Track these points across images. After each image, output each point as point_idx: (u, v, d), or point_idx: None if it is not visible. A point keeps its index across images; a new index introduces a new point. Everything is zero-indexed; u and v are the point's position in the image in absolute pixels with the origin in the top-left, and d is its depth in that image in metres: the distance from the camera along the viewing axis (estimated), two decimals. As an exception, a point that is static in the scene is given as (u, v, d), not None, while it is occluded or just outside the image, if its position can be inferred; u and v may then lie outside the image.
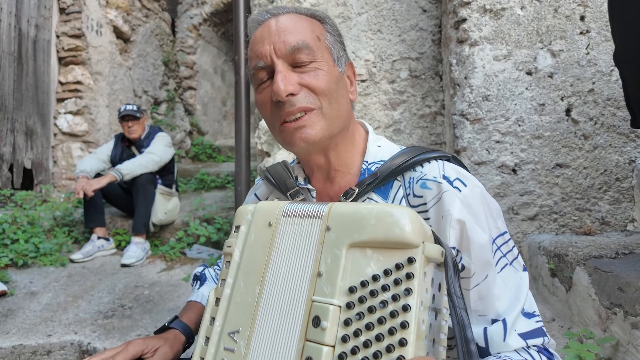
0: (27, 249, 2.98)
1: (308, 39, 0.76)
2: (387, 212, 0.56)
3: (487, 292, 0.71)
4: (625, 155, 1.93)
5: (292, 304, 0.59)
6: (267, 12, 0.81)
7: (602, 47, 1.93)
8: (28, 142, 3.99)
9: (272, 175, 0.91)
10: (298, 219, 0.65)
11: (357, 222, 0.58)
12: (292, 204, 0.68)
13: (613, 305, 1.19)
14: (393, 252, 0.55)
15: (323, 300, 0.56)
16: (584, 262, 1.42)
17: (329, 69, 0.78)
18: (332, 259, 0.58)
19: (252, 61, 0.80)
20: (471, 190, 0.74)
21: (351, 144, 0.84)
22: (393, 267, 0.54)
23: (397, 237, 0.55)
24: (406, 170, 0.78)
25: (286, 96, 0.73)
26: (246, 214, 0.72)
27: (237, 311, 0.63)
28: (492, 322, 0.70)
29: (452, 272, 0.59)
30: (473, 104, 1.98)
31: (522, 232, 1.95)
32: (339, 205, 0.63)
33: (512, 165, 1.96)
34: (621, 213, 1.92)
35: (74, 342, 2.08)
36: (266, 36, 0.77)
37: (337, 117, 0.78)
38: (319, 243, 0.61)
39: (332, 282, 0.56)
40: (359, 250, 0.57)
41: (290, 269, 0.62)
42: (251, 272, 0.65)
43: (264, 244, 0.66)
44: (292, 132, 0.75)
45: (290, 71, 0.75)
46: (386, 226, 0.56)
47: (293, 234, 0.64)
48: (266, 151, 2.57)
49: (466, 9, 2.01)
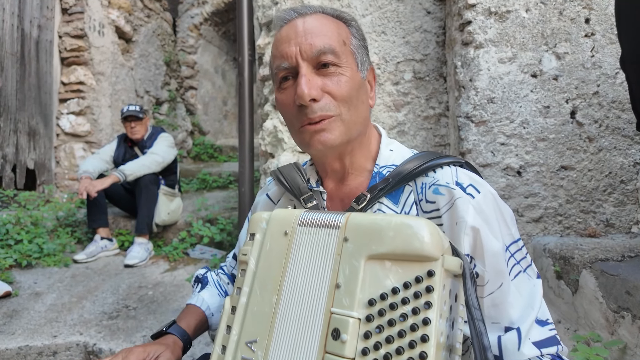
0: (30, 250, 2.99)
1: (334, 43, 0.76)
2: (405, 224, 0.57)
3: (501, 300, 0.71)
4: (630, 158, 1.93)
5: (311, 315, 0.59)
6: (294, 11, 0.80)
7: (607, 50, 1.93)
8: (31, 142, 3.99)
9: (284, 178, 0.91)
10: (314, 228, 0.65)
11: (375, 233, 0.58)
12: (308, 213, 0.68)
13: (621, 308, 1.20)
14: (412, 265, 0.55)
15: (342, 313, 0.56)
16: (590, 265, 1.42)
17: (352, 75, 0.77)
18: (350, 270, 0.58)
19: (276, 60, 0.79)
20: (484, 196, 0.74)
21: (366, 147, 0.84)
22: (413, 280, 0.54)
23: (417, 249, 0.55)
24: (418, 176, 0.78)
25: (309, 100, 0.73)
26: (261, 221, 0.72)
27: (254, 320, 0.64)
28: (505, 330, 0.70)
29: (470, 283, 0.59)
30: (478, 106, 1.98)
31: (527, 234, 1.96)
32: (355, 215, 0.63)
33: (517, 168, 1.96)
34: (626, 215, 1.93)
35: (80, 343, 2.09)
36: (292, 37, 0.76)
37: (356, 123, 0.78)
38: (336, 254, 0.61)
39: (351, 294, 0.57)
40: (377, 262, 0.57)
41: (307, 279, 0.62)
42: (267, 281, 0.65)
43: (280, 253, 0.66)
44: (312, 135, 0.75)
45: (314, 74, 0.75)
46: (405, 238, 0.56)
47: (310, 244, 0.64)
48: (270, 152, 2.57)
49: (471, 12, 2.01)
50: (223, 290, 1.03)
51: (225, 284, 1.05)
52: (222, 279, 1.06)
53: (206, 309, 0.96)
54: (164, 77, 5.84)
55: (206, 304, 0.97)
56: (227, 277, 1.06)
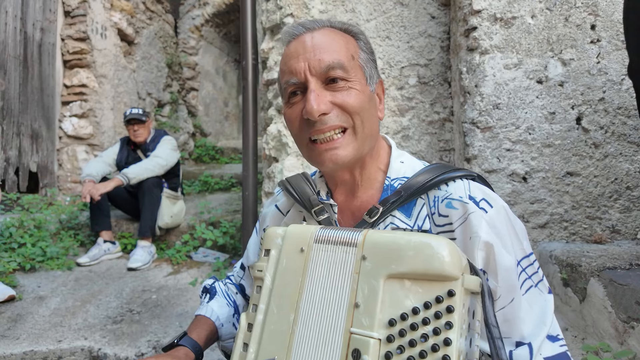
0: (34, 253, 2.99)
1: (343, 58, 0.76)
2: (425, 244, 0.57)
3: (513, 315, 0.71)
4: (635, 164, 1.93)
5: (329, 334, 0.59)
6: (302, 26, 0.80)
7: (612, 56, 1.93)
8: (33, 145, 3.98)
9: (293, 189, 0.91)
10: (331, 245, 0.65)
11: (394, 252, 0.58)
12: (324, 230, 0.68)
13: (630, 319, 1.20)
14: (432, 285, 0.55)
15: (362, 333, 0.56)
16: (598, 273, 1.42)
17: (362, 88, 0.77)
18: (369, 289, 0.58)
19: (284, 75, 0.79)
20: (497, 211, 0.74)
21: (377, 160, 0.84)
22: (433, 300, 0.54)
23: (437, 269, 0.55)
24: (431, 189, 0.78)
25: (318, 116, 0.73)
26: (276, 237, 0.72)
27: (271, 339, 0.64)
28: (516, 345, 0.70)
29: (489, 301, 0.59)
30: (484, 112, 1.98)
31: (532, 240, 1.96)
32: (373, 232, 0.63)
33: (523, 174, 1.96)
34: (632, 221, 1.93)
35: (85, 348, 2.08)
36: (301, 52, 0.77)
37: (368, 137, 0.78)
38: (354, 272, 0.61)
39: (371, 314, 0.56)
40: (397, 281, 0.57)
41: (325, 298, 0.62)
42: (284, 299, 0.65)
43: (297, 271, 0.66)
44: (323, 153, 0.76)
45: (323, 89, 0.75)
46: (425, 258, 0.56)
47: (327, 262, 0.64)
48: (274, 156, 2.57)
49: (476, 17, 2.01)
50: (232, 300, 1.03)
51: (234, 293, 1.05)
52: (230, 289, 1.06)
53: (216, 320, 0.96)
54: (166, 79, 5.84)
55: (216, 314, 0.96)
56: (235, 287, 1.06)
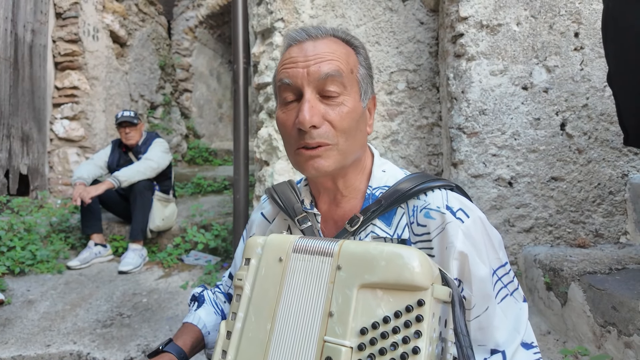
0: (24, 257, 2.97)
1: (342, 70, 0.77)
2: (397, 254, 0.59)
3: (487, 323, 0.73)
4: (618, 170, 1.97)
5: (304, 342, 0.61)
6: (306, 33, 0.80)
7: (595, 64, 1.97)
8: (24, 147, 3.96)
9: (279, 197, 0.92)
10: (308, 255, 0.67)
11: (368, 262, 0.60)
12: (302, 240, 0.70)
13: (607, 323, 1.23)
14: (403, 294, 0.57)
15: (335, 341, 0.58)
16: (578, 277, 1.45)
17: (353, 105, 0.79)
18: (343, 299, 0.60)
19: (280, 75, 0.80)
20: (473, 222, 0.76)
21: (360, 169, 0.86)
22: (403, 309, 0.56)
23: (407, 280, 0.57)
24: (410, 198, 0.80)
25: (309, 127, 0.75)
26: (256, 247, 0.73)
27: (249, 346, 0.65)
28: (491, 353, 0.72)
29: (459, 311, 0.61)
30: (470, 118, 2.02)
31: (517, 244, 1.99)
32: (349, 243, 0.65)
33: (508, 179, 2.00)
34: (614, 226, 1.96)
35: (73, 353, 2.08)
36: (301, 59, 0.77)
37: (351, 152, 0.80)
38: (329, 282, 0.63)
39: (344, 323, 0.58)
40: (369, 291, 0.59)
41: (301, 307, 0.64)
42: (262, 308, 0.67)
43: (275, 280, 0.68)
44: (307, 159, 0.77)
45: (317, 101, 0.76)
46: (396, 268, 0.58)
47: (304, 271, 0.66)
48: (265, 160, 2.58)
49: (463, 24, 2.04)
50: (219, 309, 1.03)
51: (222, 302, 1.06)
52: (218, 298, 1.07)
53: (202, 327, 0.96)
54: (159, 81, 5.83)
55: (202, 322, 0.97)
56: (223, 295, 1.07)
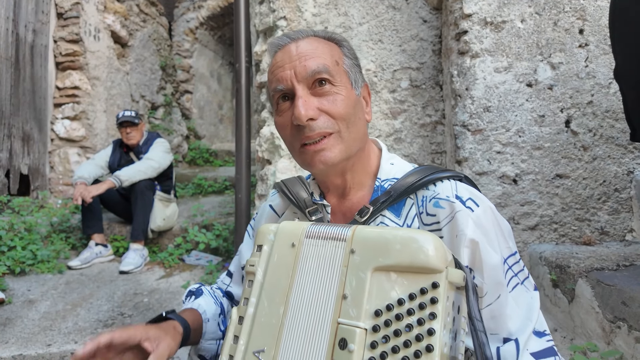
0: (24, 256, 2.96)
1: (328, 63, 0.79)
2: (412, 238, 0.58)
3: (500, 311, 0.72)
4: (623, 167, 1.96)
5: (318, 325, 0.60)
6: (287, 37, 0.83)
7: (600, 60, 1.97)
8: (25, 147, 3.96)
9: (289, 190, 0.93)
10: (321, 240, 0.66)
11: (382, 246, 0.59)
12: (315, 226, 0.69)
13: (617, 319, 1.21)
14: (417, 277, 0.56)
15: (349, 323, 0.57)
16: (586, 274, 1.44)
17: (347, 93, 0.80)
18: (357, 282, 0.59)
19: (272, 84, 0.82)
20: (483, 210, 0.75)
21: (367, 163, 0.86)
22: (418, 291, 0.55)
23: (422, 262, 0.56)
24: (419, 189, 0.80)
25: (306, 121, 0.75)
26: (268, 233, 0.72)
27: (262, 331, 0.64)
28: (504, 341, 0.71)
29: (472, 295, 0.60)
30: (474, 115, 2.01)
31: (522, 241, 1.98)
32: (362, 228, 0.64)
33: (513, 176, 1.99)
34: (620, 223, 1.95)
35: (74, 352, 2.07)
36: (287, 61, 0.79)
37: (355, 140, 0.80)
38: (343, 266, 0.62)
39: (358, 305, 0.57)
40: (383, 274, 0.59)
41: (314, 291, 0.63)
42: (275, 293, 0.66)
43: (287, 265, 0.67)
44: (312, 155, 0.78)
45: (310, 96, 0.78)
46: (411, 251, 0.57)
47: (317, 256, 0.65)
48: (267, 159, 2.58)
49: (467, 21, 2.04)
50: (219, 302, 1.03)
51: (220, 297, 1.05)
52: (216, 292, 1.06)
53: (203, 313, 0.95)
54: (160, 82, 5.84)
55: (203, 308, 0.96)
56: (221, 291, 1.06)
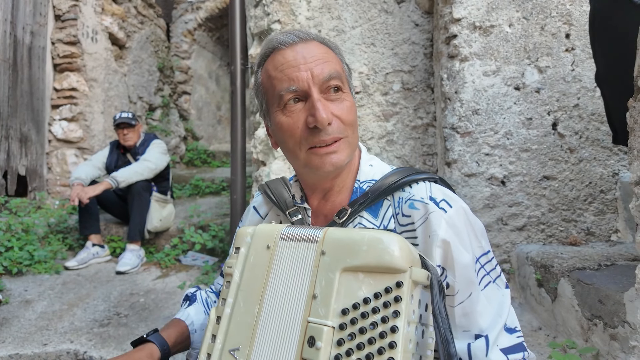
0: (21, 257, 2.99)
1: (339, 69, 0.81)
2: (377, 239, 0.61)
3: (471, 309, 0.75)
4: (609, 168, 1.99)
5: (289, 324, 0.63)
6: (294, 35, 0.81)
7: (586, 64, 2.00)
8: (22, 148, 3.99)
9: (272, 192, 0.95)
10: (295, 242, 0.69)
11: (350, 247, 0.63)
12: (290, 228, 0.72)
13: (594, 316, 1.25)
14: (383, 277, 0.60)
15: (318, 322, 0.60)
16: (568, 273, 1.47)
17: (351, 100, 0.83)
18: (326, 282, 0.62)
19: (282, 83, 0.79)
20: (456, 211, 0.78)
21: (351, 165, 0.88)
22: (383, 290, 0.59)
23: (387, 262, 0.59)
24: (396, 190, 0.83)
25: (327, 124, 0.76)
26: (246, 236, 0.76)
27: (238, 330, 0.67)
28: (475, 338, 0.74)
29: (438, 294, 0.63)
30: (463, 118, 2.04)
31: (511, 242, 2.01)
32: (333, 230, 0.67)
33: (501, 177, 2.02)
34: (605, 224, 1.99)
35: (70, 351, 2.10)
36: (302, 62, 0.78)
37: (355, 144, 0.85)
38: (314, 266, 0.65)
39: (327, 304, 0.61)
40: (351, 274, 0.62)
41: (287, 291, 0.66)
42: (250, 293, 0.69)
43: (263, 266, 0.70)
44: (323, 157, 0.79)
45: (324, 100, 0.79)
46: (377, 252, 0.60)
47: (290, 257, 0.69)
48: (262, 160, 2.61)
49: (457, 26, 2.07)
50: (210, 309, 1.05)
51: (213, 302, 1.07)
52: (210, 297, 1.08)
53: (190, 324, 0.97)
54: (157, 83, 5.87)
55: (191, 319, 0.98)
56: (215, 295, 1.09)
